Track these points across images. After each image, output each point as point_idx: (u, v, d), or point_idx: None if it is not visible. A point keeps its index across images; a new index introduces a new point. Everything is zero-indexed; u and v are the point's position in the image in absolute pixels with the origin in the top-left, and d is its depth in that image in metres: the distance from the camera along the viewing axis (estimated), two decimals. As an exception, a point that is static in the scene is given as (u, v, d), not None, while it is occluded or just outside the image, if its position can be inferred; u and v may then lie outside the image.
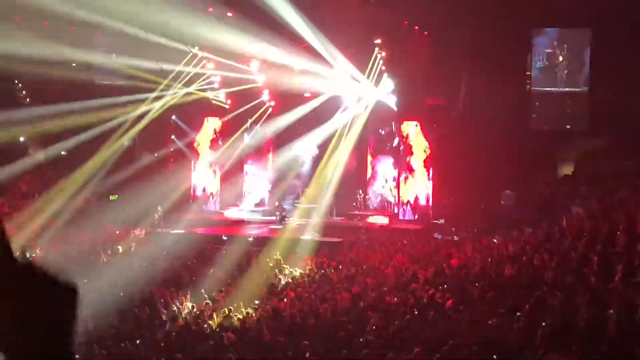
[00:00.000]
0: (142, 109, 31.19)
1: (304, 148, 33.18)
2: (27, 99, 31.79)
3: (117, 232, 26.23)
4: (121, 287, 16.69)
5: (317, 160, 33.31)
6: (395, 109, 31.43)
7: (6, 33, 24.20)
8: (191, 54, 30.46)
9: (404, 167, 31.50)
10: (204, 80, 32.48)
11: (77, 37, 27.49)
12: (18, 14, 26.28)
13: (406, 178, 31.45)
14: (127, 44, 27.58)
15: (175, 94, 31.77)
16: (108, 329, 13.00)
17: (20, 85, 31.79)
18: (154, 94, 31.16)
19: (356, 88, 31.22)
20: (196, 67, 31.38)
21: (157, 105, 31.63)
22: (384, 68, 30.07)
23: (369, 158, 33.04)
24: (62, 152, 32.03)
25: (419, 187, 31.27)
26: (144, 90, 30.67)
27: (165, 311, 14.96)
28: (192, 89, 32.07)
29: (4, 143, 27.55)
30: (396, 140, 32.11)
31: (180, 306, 15.50)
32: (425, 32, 29.26)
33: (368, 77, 30.26)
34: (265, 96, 33.18)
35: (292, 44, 27.75)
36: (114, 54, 30.12)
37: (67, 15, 24.33)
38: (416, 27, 29.06)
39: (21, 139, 31.84)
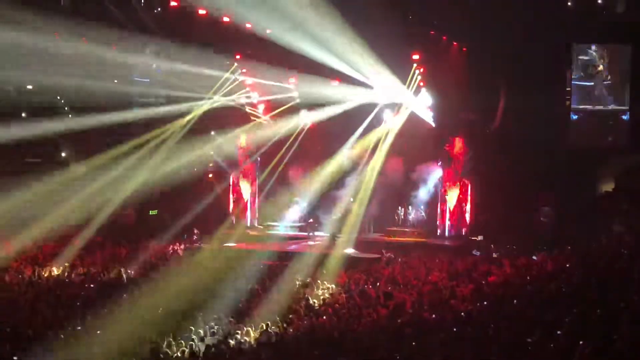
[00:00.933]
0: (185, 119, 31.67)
1: (344, 159, 33.17)
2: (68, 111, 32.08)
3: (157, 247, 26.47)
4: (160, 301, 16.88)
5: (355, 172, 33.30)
6: (433, 124, 31.38)
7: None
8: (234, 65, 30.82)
9: (445, 182, 31.44)
10: (242, 92, 32.82)
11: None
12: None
13: (445, 193, 31.34)
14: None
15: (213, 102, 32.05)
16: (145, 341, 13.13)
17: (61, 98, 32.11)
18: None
19: (394, 101, 31.40)
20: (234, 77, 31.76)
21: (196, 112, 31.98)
22: (422, 84, 30.02)
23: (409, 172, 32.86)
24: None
25: (458, 203, 31.15)
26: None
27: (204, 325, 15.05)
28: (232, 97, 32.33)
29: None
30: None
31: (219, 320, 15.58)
32: (464, 48, 29.12)
33: (408, 89, 30.32)
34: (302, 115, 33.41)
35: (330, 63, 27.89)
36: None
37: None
38: (455, 43, 28.92)
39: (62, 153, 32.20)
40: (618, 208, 26.23)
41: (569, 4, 27.35)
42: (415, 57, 28.84)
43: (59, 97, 30.90)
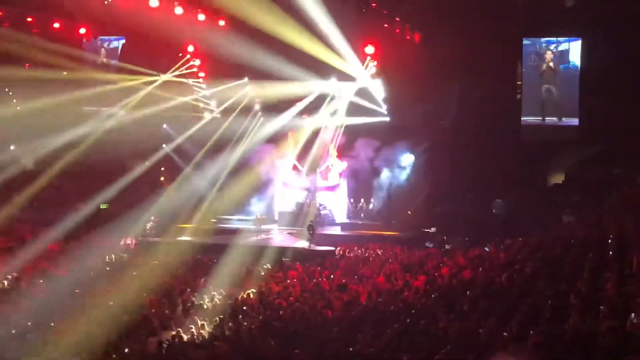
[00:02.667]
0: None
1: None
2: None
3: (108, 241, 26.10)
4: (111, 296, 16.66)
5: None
6: (387, 116, 31.65)
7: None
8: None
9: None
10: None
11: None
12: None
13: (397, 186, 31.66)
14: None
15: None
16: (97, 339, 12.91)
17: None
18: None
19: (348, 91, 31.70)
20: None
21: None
22: (375, 75, 30.18)
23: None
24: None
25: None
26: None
27: (156, 321, 14.90)
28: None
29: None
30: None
31: (172, 315, 15.46)
32: (417, 39, 29.22)
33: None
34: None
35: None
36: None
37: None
38: (407, 36, 29.04)
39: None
40: (569, 199, 26.65)
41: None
42: (369, 49, 28.94)
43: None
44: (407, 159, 32.30)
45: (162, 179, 33.78)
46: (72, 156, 29.93)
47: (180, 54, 31.65)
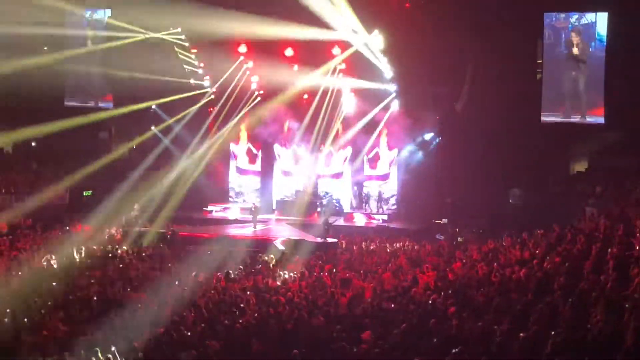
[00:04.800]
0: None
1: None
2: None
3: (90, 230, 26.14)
4: (96, 290, 16.67)
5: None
6: (396, 98, 31.57)
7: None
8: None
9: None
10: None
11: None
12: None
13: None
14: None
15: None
16: (81, 336, 12.92)
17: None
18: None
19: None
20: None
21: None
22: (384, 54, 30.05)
23: (365, 157, 33.04)
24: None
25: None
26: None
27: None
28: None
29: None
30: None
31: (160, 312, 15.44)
32: (429, 16, 29.04)
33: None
34: (254, 85, 33.57)
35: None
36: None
37: None
38: (418, 12, 28.90)
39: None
40: (592, 189, 26.58)
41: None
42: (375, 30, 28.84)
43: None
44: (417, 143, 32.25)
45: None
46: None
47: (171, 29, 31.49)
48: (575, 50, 29.87)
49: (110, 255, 22.76)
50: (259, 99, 34.06)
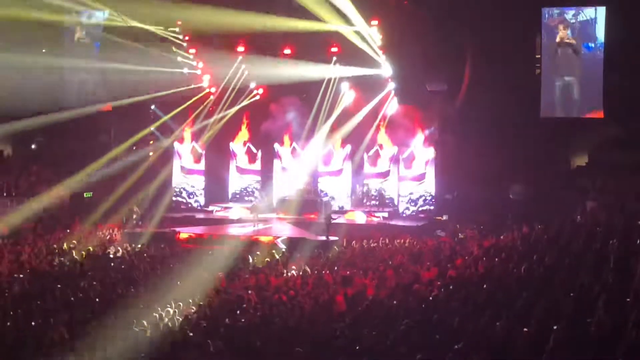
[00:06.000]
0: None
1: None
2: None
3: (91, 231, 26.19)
4: (98, 292, 16.71)
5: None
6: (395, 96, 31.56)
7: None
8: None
9: (404, 160, 31.61)
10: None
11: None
12: None
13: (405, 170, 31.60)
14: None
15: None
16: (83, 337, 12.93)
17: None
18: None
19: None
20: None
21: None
22: (382, 51, 29.99)
23: (364, 154, 32.91)
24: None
25: (420, 181, 31.34)
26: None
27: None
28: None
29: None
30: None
31: (162, 311, 15.45)
32: (427, 12, 29.00)
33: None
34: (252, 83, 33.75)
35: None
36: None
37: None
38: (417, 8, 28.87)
39: None
40: (592, 183, 26.60)
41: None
42: (374, 22, 28.82)
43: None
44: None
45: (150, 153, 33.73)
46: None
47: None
48: (570, 44, 29.93)
49: (111, 256, 22.83)
50: (257, 97, 34.09)
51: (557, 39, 30.20)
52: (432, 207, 31.27)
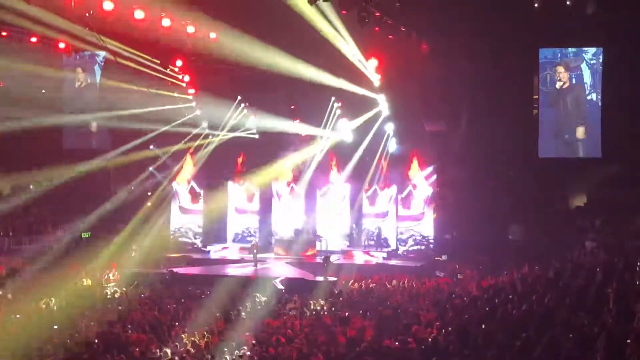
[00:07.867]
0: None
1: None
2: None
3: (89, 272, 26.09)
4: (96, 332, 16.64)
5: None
6: (393, 137, 31.63)
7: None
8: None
9: (402, 200, 31.55)
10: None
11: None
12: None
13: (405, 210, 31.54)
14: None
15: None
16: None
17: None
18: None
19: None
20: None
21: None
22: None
23: (363, 194, 32.84)
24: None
25: (419, 221, 31.27)
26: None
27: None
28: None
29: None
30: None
31: (160, 353, 15.37)
32: (424, 51, 29.07)
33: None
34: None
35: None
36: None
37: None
38: (417, 46, 29.02)
39: None
40: (591, 223, 26.60)
41: (536, 5, 27.43)
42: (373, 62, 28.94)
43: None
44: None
45: (148, 204, 33.61)
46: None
47: (168, 69, 31.52)
48: (570, 80, 30.21)
49: (108, 296, 22.75)
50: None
51: (555, 79, 30.39)
52: (431, 247, 31.07)
